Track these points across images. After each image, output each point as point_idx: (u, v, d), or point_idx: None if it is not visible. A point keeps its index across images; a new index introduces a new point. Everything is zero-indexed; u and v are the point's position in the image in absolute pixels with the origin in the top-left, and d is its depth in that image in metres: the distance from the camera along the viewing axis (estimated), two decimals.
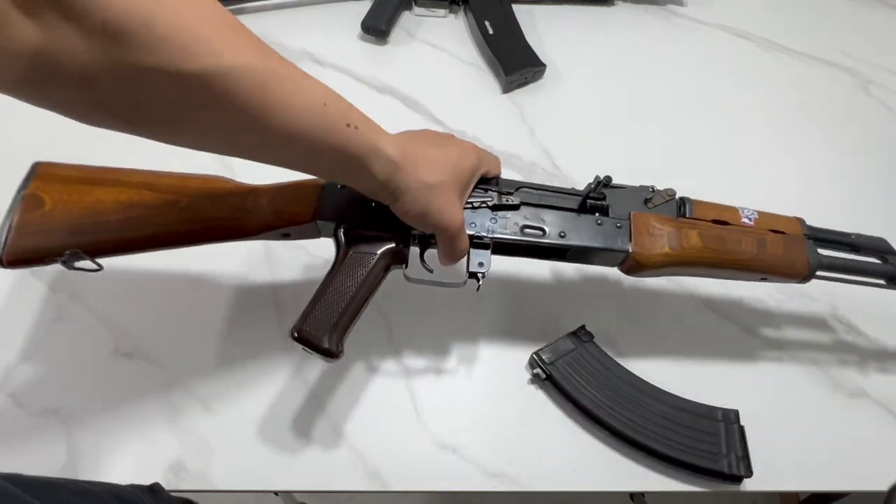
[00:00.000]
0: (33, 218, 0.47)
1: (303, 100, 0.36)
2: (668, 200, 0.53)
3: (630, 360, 0.58)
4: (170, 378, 0.56)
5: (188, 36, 0.31)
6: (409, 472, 0.53)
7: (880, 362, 0.61)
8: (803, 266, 0.52)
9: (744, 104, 0.84)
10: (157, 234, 0.48)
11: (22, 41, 0.27)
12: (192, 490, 0.52)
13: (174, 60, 0.30)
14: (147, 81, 0.31)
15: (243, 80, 0.33)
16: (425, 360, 0.59)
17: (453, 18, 0.93)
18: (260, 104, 0.34)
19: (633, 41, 0.91)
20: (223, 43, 0.32)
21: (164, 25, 0.30)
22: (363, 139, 0.40)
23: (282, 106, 0.35)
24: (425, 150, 0.45)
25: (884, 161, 0.78)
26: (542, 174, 0.74)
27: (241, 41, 0.34)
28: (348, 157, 0.40)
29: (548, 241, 0.51)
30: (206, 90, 0.32)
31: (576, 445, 0.54)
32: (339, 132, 0.38)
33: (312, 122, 0.37)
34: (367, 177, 0.41)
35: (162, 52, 0.30)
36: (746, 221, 0.53)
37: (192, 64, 0.31)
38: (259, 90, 0.34)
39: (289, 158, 0.40)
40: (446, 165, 0.45)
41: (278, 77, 0.35)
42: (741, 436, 0.53)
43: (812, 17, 0.96)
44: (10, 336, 0.58)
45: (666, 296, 0.64)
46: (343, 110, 0.39)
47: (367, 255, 0.48)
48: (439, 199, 0.45)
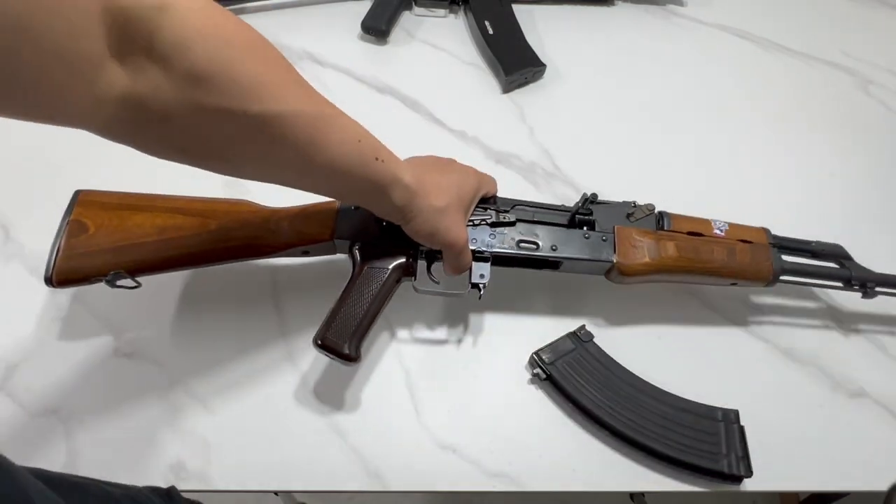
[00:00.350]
0: (78, 242, 0.52)
1: (342, 138, 0.41)
2: (648, 215, 0.59)
3: (630, 360, 0.57)
4: (170, 378, 0.56)
5: (255, 81, 0.35)
6: (409, 472, 0.53)
7: (879, 362, 0.61)
8: (768, 272, 0.57)
9: (743, 104, 0.84)
10: (190, 254, 0.53)
11: (114, 86, 0.30)
12: (192, 490, 0.52)
13: (242, 103, 0.34)
14: (217, 121, 0.34)
15: (297, 121, 0.37)
16: (425, 361, 0.59)
17: (453, 18, 0.93)
18: (308, 142, 0.39)
19: (633, 41, 0.91)
20: (283, 88, 0.37)
21: (238, 71, 0.34)
22: (388, 171, 0.45)
23: (326, 144, 0.40)
24: (434, 176, 0.50)
25: (883, 161, 0.78)
26: (542, 174, 0.74)
27: (298, 86, 0.38)
28: (375, 186, 0.45)
29: (541, 254, 0.56)
30: (265, 130, 0.36)
31: (576, 445, 0.54)
32: (369, 165, 0.43)
33: (350, 158, 0.42)
34: (388, 202, 0.47)
35: (233, 95, 0.34)
36: (718, 232, 0.58)
37: (257, 106, 0.35)
38: (308, 131, 0.38)
39: (326, 188, 0.45)
40: (451, 190, 0.51)
41: (324, 119, 0.40)
42: (741, 436, 0.53)
43: (812, 17, 0.96)
44: (10, 336, 0.58)
45: (666, 296, 0.64)
46: (373, 146, 0.44)
47: (381, 270, 0.54)
48: (447, 220, 0.50)
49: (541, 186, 0.73)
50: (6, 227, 0.66)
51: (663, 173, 0.75)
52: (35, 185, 0.70)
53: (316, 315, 0.60)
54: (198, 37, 0.32)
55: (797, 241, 0.60)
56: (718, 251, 0.57)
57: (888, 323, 0.63)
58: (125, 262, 0.52)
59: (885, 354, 0.61)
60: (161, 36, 0.31)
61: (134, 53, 0.30)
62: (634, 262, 0.56)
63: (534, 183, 0.73)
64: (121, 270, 0.51)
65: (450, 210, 0.51)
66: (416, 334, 0.60)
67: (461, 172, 0.54)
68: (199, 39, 0.32)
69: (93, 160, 0.72)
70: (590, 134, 0.79)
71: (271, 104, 0.35)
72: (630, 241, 0.57)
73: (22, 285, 0.62)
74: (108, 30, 0.29)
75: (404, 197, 0.47)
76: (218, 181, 0.65)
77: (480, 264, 0.55)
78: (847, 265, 0.59)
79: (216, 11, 0.34)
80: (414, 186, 0.47)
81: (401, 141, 0.64)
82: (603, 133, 0.79)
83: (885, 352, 0.62)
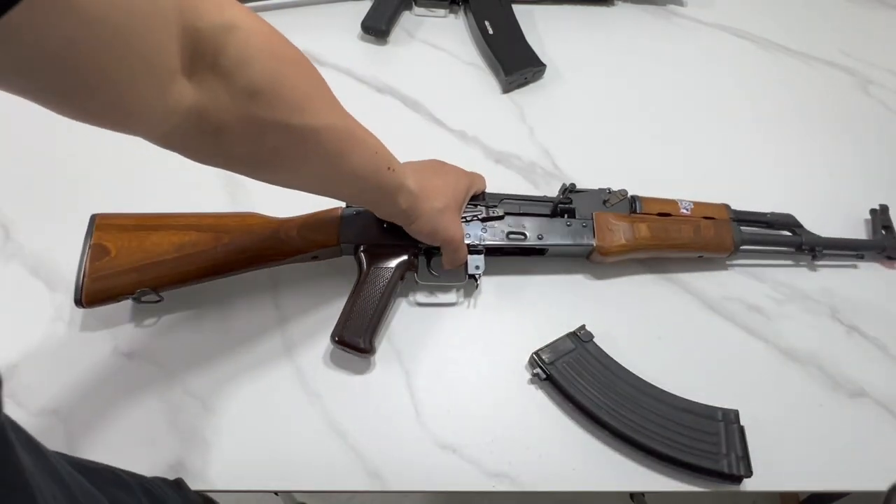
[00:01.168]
0: (102, 264, 0.56)
1: (363, 150, 0.45)
2: (622, 200, 0.65)
3: (630, 360, 0.57)
4: (170, 378, 0.56)
5: (300, 97, 0.38)
6: (409, 472, 0.53)
7: (879, 362, 0.61)
8: (730, 243, 0.64)
9: (743, 104, 0.84)
10: (206, 267, 0.57)
11: (182, 99, 0.32)
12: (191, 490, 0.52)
13: (289, 116, 0.37)
14: (265, 133, 0.37)
15: (330, 135, 0.41)
16: (425, 361, 0.59)
17: (453, 18, 0.93)
18: (337, 154, 0.42)
19: (633, 41, 0.91)
20: (321, 104, 0.40)
21: (287, 87, 0.36)
22: (396, 178, 0.49)
23: (350, 155, 0.43)
24: (433, 180, 0.55)
25: (883, 161, 0.78)
26: (542, 174, 0.74)
27: (332, 102, 0.42)
28: (385, 192, 0.49)
29: (529, 243, 0.62)
30: (304, 142, 0.39)
31: (576, 445, 0.54)
32: (382, 174, 0.47)
33: (367, 168, 0.46)
34: (395, 205, 0.51)
35: (282, 110, 0.37)
36: (684, 211, 0.65)
37: (299, 120, 0.38)
38: (338, 143, 0.42)
39: (344, 193, 0.52)
40: (448, 191, 0.56)
41: (350, 132, 0.43)
42: (741, 436, 0.53)
43: (812, 17, 0.96)
44: (10, 336, 0.58)
45: (666, 296, 0.65)
46: (386, 156, 0.48)
47: (386, 269, 0.58)
48: (444, 219, 0.55)
49: (541, 186, 0.73)
50: (6, 227, 0.66)
51: (663, 173, 0.75)
52: (35, 185, 0.70)
53: (316, 315, 0.60)
54: (258, 54, 0.34)
55: (754, 213, 0.67)
56: (686, 229, 0.64)
57: (888, 323, 0.63)
58: (148, 279, 0.56)
59: (885, 354, 0.61)
60: (227, 52, 0.33)
61: (202, 69, 0.33)
62: (612, 244, 0.62)
63: (534, 183, 0.73)
64: (146, 288, 0.55)
65: (447, 210, 0.55)
66: (416, 335, 0.60)
67: (454, 174, 0.59)
68: (259, 57, 0.34)
69: (93, 160, 0.72)
70: (590, 134, 0.79)
71: (312, 118, 0.39)
72: (607, 226, 0.63)
73: (22, 285, 0.62)
74: (182, 47, 0.31)
75: (409, 201, 0.52)
76: (220, 192, 0.70)
77: (475, 256, 0.61)
78: (798, 232, 0.66)
79: (274, 33, 0.36)
80: (417, 191, 0.52)
81: (401, 141, 0.64)
82: (603, 133, 0.79)
83: (885, 352, 0.62)
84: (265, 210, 0.61)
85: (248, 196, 0.69)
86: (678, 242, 0.63)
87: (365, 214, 0.60)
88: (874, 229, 0.68)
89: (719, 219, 0.65)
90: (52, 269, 0.63)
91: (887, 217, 0.69)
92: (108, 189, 0.69)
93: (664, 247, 0.63)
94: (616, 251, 0.62)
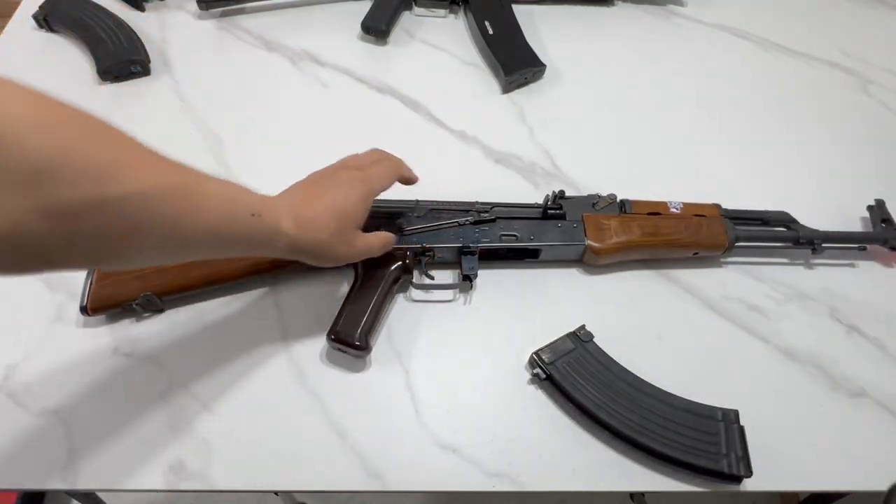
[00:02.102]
0: (108, 273, 0.58)
1: (212, 202, 0.39)
2: (611, 203, 0.66)
3: (630, 360, 0.57)
4: (170, 378, 0.56)
5: (103, 164, 0.31)
6: (409, 472, 0.53)
7: (879, 362, 0.61)
8: (724, 239, 0.64)
9: (743, 104, 0.84)
10: (207, 275, 0.59)
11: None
12: (192, 490, 0.52)
13: (97, 190, 0.31)
14: (76, 217, 0.31)
15: (159, 196, 0.35)
16: (425, 361, 0.59)
17: (453, 19, 0.93)
18: (176, 215, 0.37)
19: (632, 41, 0.91)
20: (134, 164, 0.34)
21: (79, 158, 0.30)
22: (266, 223, 0.44)
23: (196, 212, 0.38)
24: (315, 205, 0.48)
25: (883, 161, 0.78)
26: (542, 174, 0.74)
27: (149, 160, 0.36)
28: (256, 242, 0.44)
29: (521, 244, 0.63)
30: (131, 212, 0.33)
31: (576, 445, 0.54)
32: (244, 223, 0.42)
33: (225, 221, 0.41)
34: (274, 251, 0.46)
35: (84, 184, 0.30)
36: (674, 210, 0.66)
37: (114, 188, 0.32)
38: (176, 203, 0.36)
39: (209, 253, 0.43)
40: (332, 215, 0.49)
41: (187, 187, 0.38)
42: (741, 436, 0.53)
43: (812, 17, 0.96)
44: (10, 336, 0.58)
45: (666, 296, 0.64)
46: (247, 202, 0.43)
47: (381, 271, 0.59)
48: (340, 246, 0.50)
49: (541, 186, 0.73)
50: None
51: (663, 173, 0.75)
52: None
53: (316, 315, 0.60)
54: (26, 128, 0.28)
55: (747, 211, 0.67)
56: (676, 227, 0.64)
57: (888, 323, 0.63)
58: (151, 286, 0.58)
59: (885, 354, 0.61)
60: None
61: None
62: (604, 242, 0.63)
63: (534, 183, 0.73)
64: (150, 294, 0.57)
65: (336, 236, 0.49)
66: (416, 335, 0.60)
67: (344, 187, 0.51)
68: (29, 130, 0.28)
69: None
70: (589, 134, 0.79)
71: (129, 183, 0.33)
72: (598, 225, 0.64)
73: (22, 285, 0.62)
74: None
75: (289, 243, 0.46)
76: None
77: (469, 258, 0.62)
78: (794, 227, 0.66)
79: (41, 97, 0.30)
80: (294, 231, 0.46)
81: (401, 141, 0.64)
82: (603, 133, 0.79)
83: (885, 352, 0.62)
84: None
85: None
86: (671, 239, 0.63)
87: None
88: (873, 224, 0.68)
89: (711, 216, 0.65)
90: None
91: (885, 210, 0.69)
92: None
93: (657, 245, 0.63)
94: (608, 250, 0.63)
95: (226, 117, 0.77)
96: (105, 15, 0.85)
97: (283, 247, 0.46)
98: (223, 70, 0.84)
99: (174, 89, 0.81)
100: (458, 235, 0.62)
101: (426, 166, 0.61)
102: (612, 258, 0.64)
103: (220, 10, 0.90)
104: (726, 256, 0.67)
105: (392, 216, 0.62)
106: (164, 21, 0.90)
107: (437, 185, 0.63)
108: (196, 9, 0.89)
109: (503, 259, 0.64)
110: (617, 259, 0.64)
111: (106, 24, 0.83)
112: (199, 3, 0.88)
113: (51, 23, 0.86)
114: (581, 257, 0.64)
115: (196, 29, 0.89)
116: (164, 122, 0.77)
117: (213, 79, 0.82)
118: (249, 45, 0.86)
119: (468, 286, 0.63)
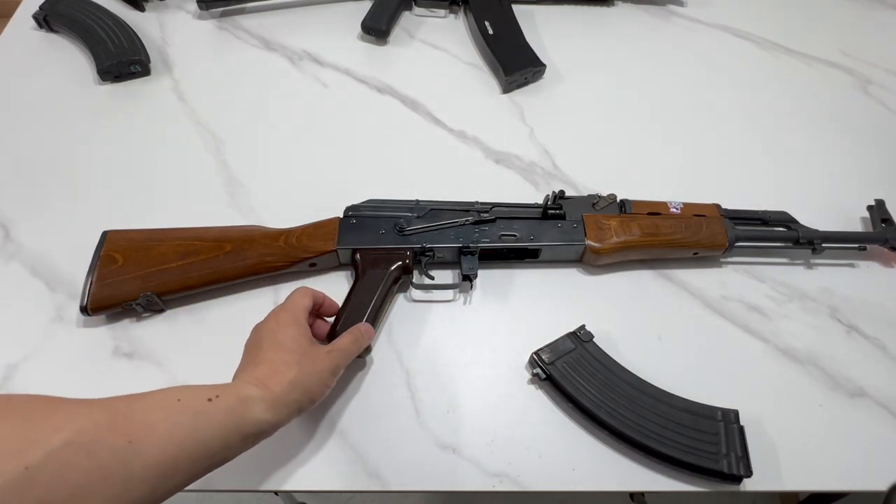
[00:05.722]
0: (110, 272, 0.58)
1: (156, 414, 0.37)
2: (611, 203, 0.66)
3: (630, 360, 0.57)
4: (170, 378, 0.56)
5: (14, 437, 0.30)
6: (409, 472, 0.53)
7: (879, 362, 0.61)
8: (724, 239, 0.64)
9: (743, 104, 0.84)
10: (209, 275, 0.59)
11: None
12: (192, 490, 0.51)
13: (17, 462, 0.29)
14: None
15: (80, 451, 0.32)
16: (425, 361, 0.59)
17: (453, 18, 0.93)
18: (124, 451, 0.33)
19: (632, 41, 0.91)
20: (37, 430, 0.31)
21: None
22: (229, 400, 0.40)
23: (142, 432, 0.35)
24: (260, 359, 0.46)
25: (883, 161, 0.78)
26: (542, 174, 0.74)
27: (56, 418, 0.33)
28: (232, 427, 0.40)
29: (521, 244, 0.62)
30: (48, 482, 0.30)
31: (576, 445, 0.54)
32: (205, 414, 0.39)
33: (180, 423, 0.37)
34: (259, 427, 0.42)
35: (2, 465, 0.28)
36: (674, 210, 0.66)
37: (19, 464, 0.29)
38: (102, 452, 0.33)
39: (191, 470, 0.39)
40: (281, 349, 0.47)
41: (112, 424, 0.35)
42: (741, 436, 0.53)
43: (812, 17, 0.96)
44: (10, 336, 0.58)
45: (666, 296, 0.64)
46: (196, 393, 0.39)
47: (380, 272, 0.59)
48: (309, 380, 0.46)
49: (541, 186, 0.73)
50: (6, 227, 0.66)
51: (663, 173, 0.75)
52: (35, 185, 0.70)
53: None
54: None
55: (747, 211, 0.67)
56: (676, 226, 0.64)
57: (888, 323, 0.63)
58: (151, 286, 0.58)
59: (885, 354, 0.61)
60: None
61: None
62: (604, 242, 0.63)
63: (534, 183, 0.73)
64: (151, 294, 0.57)
65: (302, 364, 0.46)
66: (416, 335, 0.60)
67: (268, 326, 0.49)
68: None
69: (93, 160, 0.72)
70: (589, 134, 0.79)
71: (33, 454, 0.30)
72: (598, 225, 0.64)
73: (22, 285, 0.62)
74: None
75: (266, 406, 0.42)
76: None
77: (469, 258, 0.61)
78: (794, 227, 0.66)
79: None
80: (261, 391, 0.43)
81: (401, 141, 0.64)
82: (603, 133, 0.79)
83: (885, 352, 0.62)
84: (268, 223, 0.62)
85: (251, 205, 0.69)
86: (670, 239, 0.63)
87: (362, 222, 0.62)
88: (873, 224, 0.68)
89: (711, 216, 0.65)
90: (52, 269, 0.63)
91: (885, 210, 0.69)
92: (108, 188, 0.69)
93: (657, 244, 0.63)
94: (608, 250, 0.62)
95: (225, 117, 0.77)
96: (105, 15, 0.85)
97: (260, 414, 0.42)
98: (223, 70, 0.84)
99: (174, 89, 0.81)
100: (458, 235, 0.62)
101: (426, 166, 0.61)
102: (612, 258, 0.64)
103: (220, 10, 0.90)
104: (726, 256, 0.67)
105: (391, 218, 0.62)
106: (163, 21, 0.90)
107: (437, 185, 0.63)
108: (196, 9, 0.89)
109: (503, 259, 0.64)
110: (617, 259, 0.64)
111: (106, 24, 0.83)
112: (199, 3, 0.88)
113: (51, 23, 0.86)
114: (581, 257, 0.64)
115: (196, 29, 0.89)
116: (164, 121, 0.76)
117: (212, 79, 0.82)
118: (249, 45, 0.86)
119: (468, 286, 0.63)
